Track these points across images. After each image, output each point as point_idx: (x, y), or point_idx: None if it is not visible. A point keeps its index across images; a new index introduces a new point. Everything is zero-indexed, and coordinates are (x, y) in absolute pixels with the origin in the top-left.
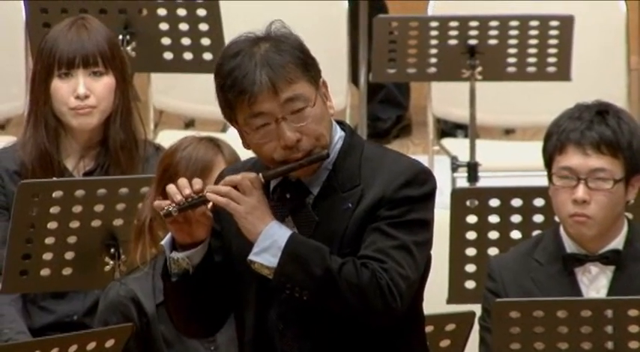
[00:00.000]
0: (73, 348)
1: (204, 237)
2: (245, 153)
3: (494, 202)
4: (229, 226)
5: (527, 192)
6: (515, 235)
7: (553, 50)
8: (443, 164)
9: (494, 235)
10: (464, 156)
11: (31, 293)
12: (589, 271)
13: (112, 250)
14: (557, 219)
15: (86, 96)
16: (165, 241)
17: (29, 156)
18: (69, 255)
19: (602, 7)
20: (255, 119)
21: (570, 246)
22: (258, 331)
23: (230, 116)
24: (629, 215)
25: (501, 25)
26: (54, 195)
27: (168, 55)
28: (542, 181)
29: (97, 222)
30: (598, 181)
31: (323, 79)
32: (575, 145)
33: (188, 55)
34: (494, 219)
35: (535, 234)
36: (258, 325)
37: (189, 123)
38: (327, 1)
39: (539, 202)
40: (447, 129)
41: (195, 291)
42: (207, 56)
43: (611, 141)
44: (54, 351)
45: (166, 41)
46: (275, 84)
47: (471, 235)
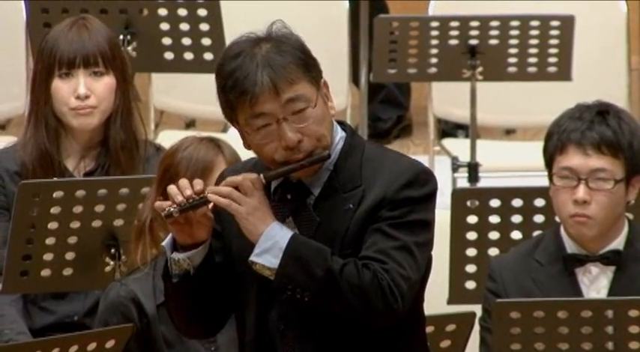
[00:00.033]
0: (73, 349)
1: (205, 238)
2: (246, 153)
3: (494, 202)
4: (230, 227)
5: (528, 193)
6: (516, 235)
7: (554, 50)
8: (443, 164)
9: (494, 235)
10: (464, 157)
11: (32, 294)
12: (589, 271)
13: (113, 250)
14: (557, 219)
15: (87, 97)
16: (166, 242)
17: (30, 157)
18: (69, 255)
19: (603, 7)
20: (257, 120)
21: (571, 247)
22: (259, 332)
23: (231, 116)
24: (629, 215)
25: (502, 25)
26: (54, 195)
27: (168, 55)
28: (543, 181)
29: (97, 223)
30: (599, 181)
31: (324, 79)
32: (576, 145)
33: (189, 55)
34: (494, 219)
35: (535, 234)
36: (259, 326)
37: (189, 124)
38: (328, 1)
39: (539, 202)
40: (448, 129)
41: (196, 292)
42: (208, 56)
43: (612, 142)
44: None
45: (167, 41)
46: (276, 84)
47: (472, 235)
